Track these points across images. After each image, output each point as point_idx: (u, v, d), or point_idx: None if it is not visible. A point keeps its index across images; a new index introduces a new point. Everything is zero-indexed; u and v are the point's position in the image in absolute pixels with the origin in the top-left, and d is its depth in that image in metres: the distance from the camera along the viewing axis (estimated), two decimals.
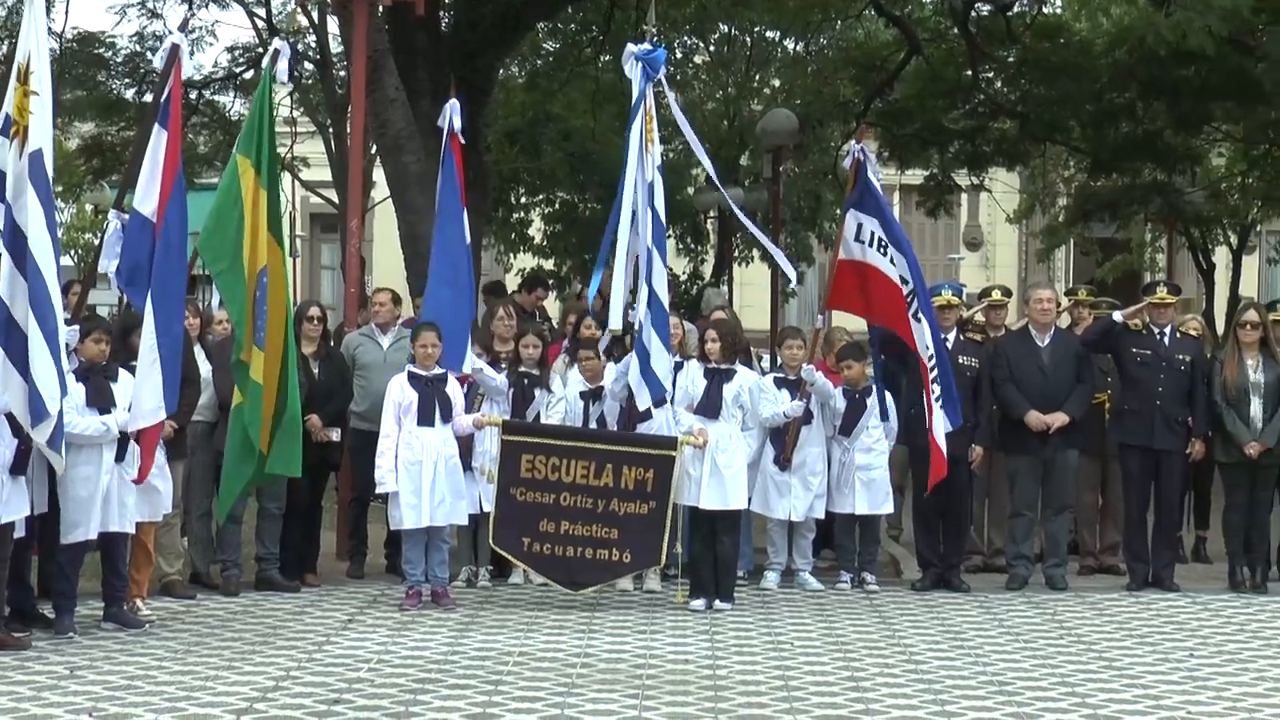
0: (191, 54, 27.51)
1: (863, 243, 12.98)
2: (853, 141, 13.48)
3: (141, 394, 10.92)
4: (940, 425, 12.54)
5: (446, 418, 12.34)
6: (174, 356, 11.07)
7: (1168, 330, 13.49)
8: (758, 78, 34.53)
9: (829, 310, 13.76)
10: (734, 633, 11.30)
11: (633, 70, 12.57)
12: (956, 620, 11.94)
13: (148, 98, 21.17)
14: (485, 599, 12.60)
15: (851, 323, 16.18)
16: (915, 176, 32.59)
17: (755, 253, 34.86)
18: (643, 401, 12.49)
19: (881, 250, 12.84)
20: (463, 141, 13.54)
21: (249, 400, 11.70)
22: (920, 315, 12.64)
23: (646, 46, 12.67)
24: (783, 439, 13.16)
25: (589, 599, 12.41)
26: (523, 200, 33.90)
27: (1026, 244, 45.41)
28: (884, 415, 13.36)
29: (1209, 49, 19.58)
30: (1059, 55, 25.09)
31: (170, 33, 13.46)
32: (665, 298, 12.46)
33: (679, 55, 34.16)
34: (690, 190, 34.60)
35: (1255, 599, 12.96)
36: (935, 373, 12.55)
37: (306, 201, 41.34)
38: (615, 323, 12.61)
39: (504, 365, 13.31)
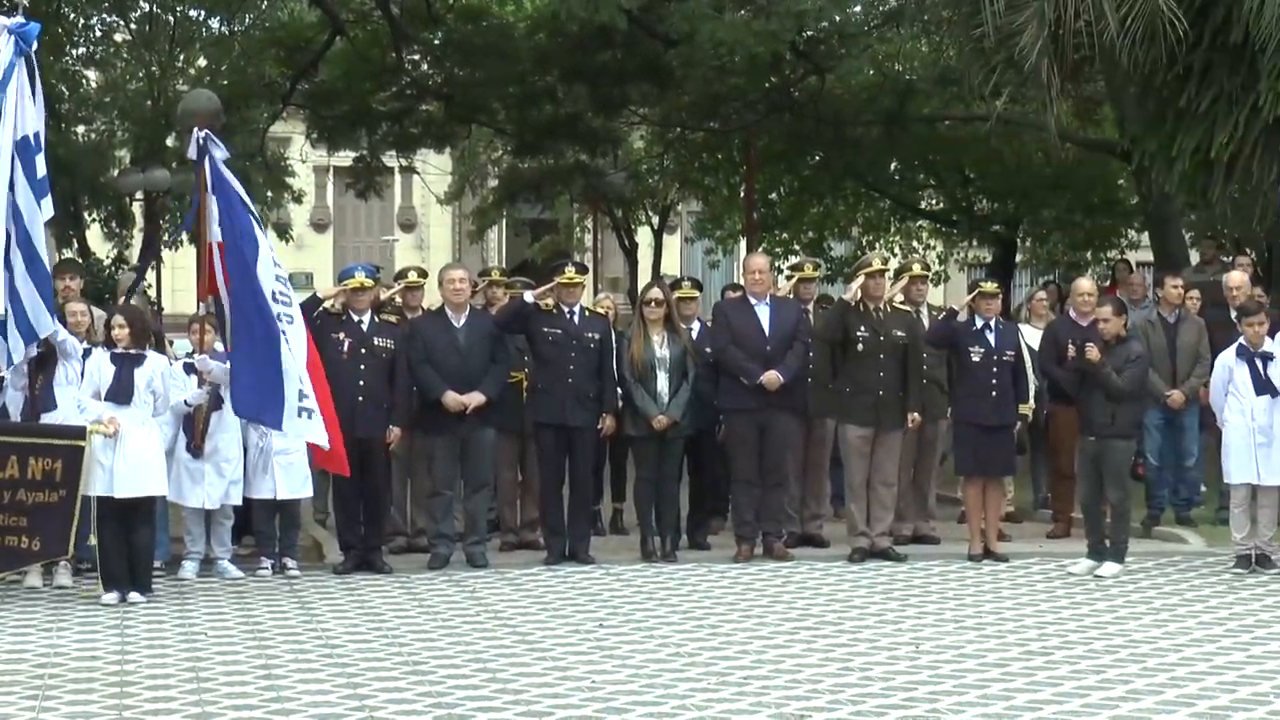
0: None
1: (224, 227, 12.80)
2: (196, 129, 13.24)
3: None
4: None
5: None
6: None
7: (577, 309, 13.82)
8: (183, 57, 33.78)
9: (209, 298, 13.25)
10: (146, 626, 11.01)
11: (5, 44, 12.08)
12: (377, 602, 11.94)
13: None
14: None
15: None
16: (345, 159, 32.54)
17: (185, 236, 34.11)
18: None
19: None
20: None
21: None
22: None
23: (20, 20, 12.20)
24: (194, 425, 12.92)
25: None
26: None
27: (460, 225, 45.88)
28: None
29: (620, 25, 20.19)
30: (482, 38, 25.43)
31: None
32: (20, 268, 12.00)
33: (99, 33, 33.15)
34: (114, 172, 33.63)
35: (665, 568, 13.39)
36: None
37: None
38: None
39: None
